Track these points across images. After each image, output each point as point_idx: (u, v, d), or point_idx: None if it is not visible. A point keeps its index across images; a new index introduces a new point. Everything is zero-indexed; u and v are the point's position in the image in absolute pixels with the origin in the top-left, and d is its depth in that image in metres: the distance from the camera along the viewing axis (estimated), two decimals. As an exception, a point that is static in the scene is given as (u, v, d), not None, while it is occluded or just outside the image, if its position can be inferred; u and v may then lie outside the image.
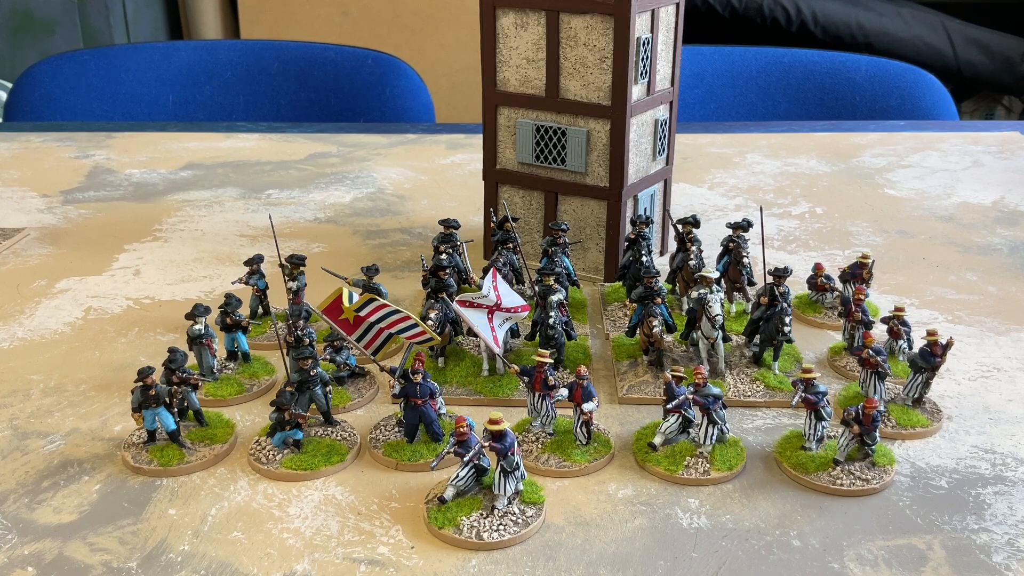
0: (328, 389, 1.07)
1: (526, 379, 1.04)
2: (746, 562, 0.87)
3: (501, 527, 0.90)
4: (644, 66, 1.37)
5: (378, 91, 2.75)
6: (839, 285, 1.35)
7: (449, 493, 0.92)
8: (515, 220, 1.36)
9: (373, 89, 2.76)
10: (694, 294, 1.18)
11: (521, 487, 0.93)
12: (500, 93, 1.44)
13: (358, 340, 1.08)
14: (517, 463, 0.91)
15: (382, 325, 1.07)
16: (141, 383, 1.02)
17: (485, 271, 1.21)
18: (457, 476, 0.92)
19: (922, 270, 1.51)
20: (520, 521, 0.91)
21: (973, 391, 1.16)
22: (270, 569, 0.87)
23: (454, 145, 2.22)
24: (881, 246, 1.61)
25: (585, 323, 1.32)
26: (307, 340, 1.08)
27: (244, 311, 1.26)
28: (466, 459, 0.92)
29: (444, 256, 1.29)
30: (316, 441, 1.04)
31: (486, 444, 0.91)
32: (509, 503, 0.92)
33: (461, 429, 0.91)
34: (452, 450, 0.91)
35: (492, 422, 0.91)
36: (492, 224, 1.40)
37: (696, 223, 1.35)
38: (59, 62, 2.75)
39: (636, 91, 1.38)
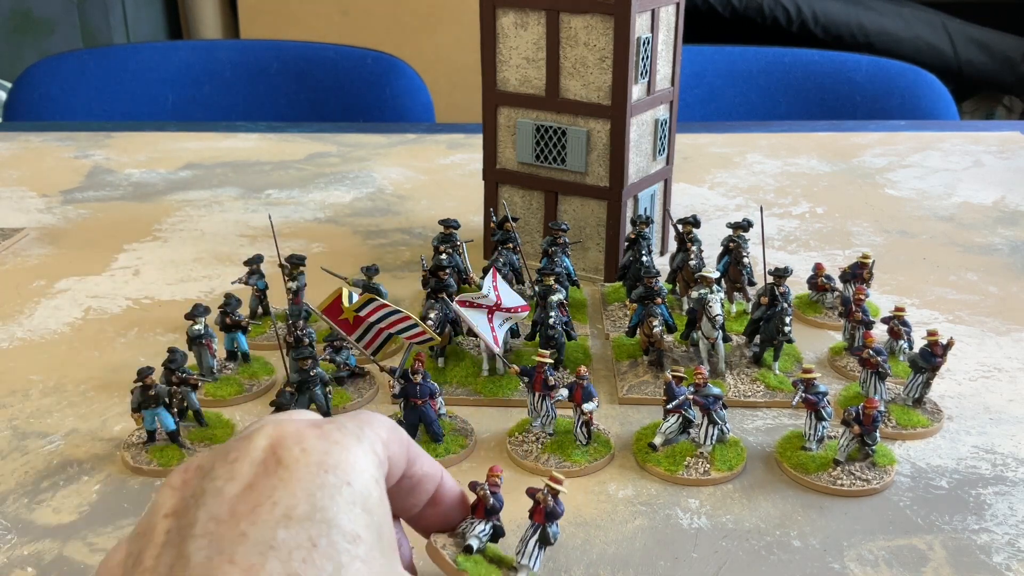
0: (328, 389, 1.07)
1: (526, 379, 1.04)
2: (746, 562, 0.87)
3: (501, 527, 0.89)
4: (644, 66, 1.37)
5: (378, 91, 2.75)
6: (839, 285, 1.34)
7: (473, 543, 0.82)
8: (515, 220, 1.35)
9: (373, 89, 2.75)
10: (694, 294, 1.18)
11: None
12: (500, 93, 1.44)
13: (358, 340, 1.08)
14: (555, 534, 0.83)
15: (382, 325, 1.07)
16: (140, 383, 1.02)
17: (485, 271, 1.21)
18: (483, 530, 0.82)
19: (922, 270, 1.51)
20: (520, 521, 0.90)
21: (974, 391, 1.16)
22: (270, 569, 0.87)
23: (454, 145, 2.22)
24: (881, 246, 1.61)
25: (585, 323, 1.32)
26: (307, 340, 1.07)
27: (244, 311, 1.26)
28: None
29: (444, 256, 1.28)
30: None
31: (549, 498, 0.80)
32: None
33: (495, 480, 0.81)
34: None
35: (555, 480, 0.81)
36: (492, 224, 1.40)
37: (696, 223, 1.35)
38: (59, 62, 2.75)
39: (636, 91, 1.38)
